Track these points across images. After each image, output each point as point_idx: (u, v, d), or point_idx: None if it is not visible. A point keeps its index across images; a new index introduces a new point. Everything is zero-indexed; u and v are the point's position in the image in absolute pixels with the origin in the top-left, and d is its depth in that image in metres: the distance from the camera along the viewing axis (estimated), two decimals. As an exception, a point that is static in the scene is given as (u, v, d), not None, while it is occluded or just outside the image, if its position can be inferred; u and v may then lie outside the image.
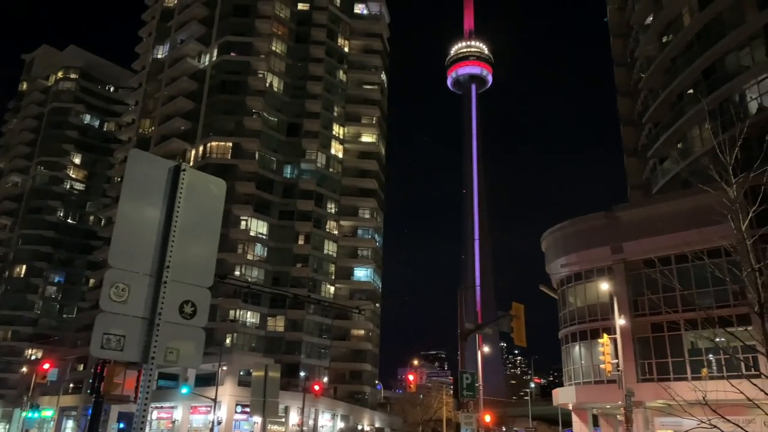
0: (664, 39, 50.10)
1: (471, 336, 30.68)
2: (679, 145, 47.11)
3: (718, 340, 25.63)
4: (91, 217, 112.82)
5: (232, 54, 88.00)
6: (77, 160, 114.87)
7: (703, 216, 19.26)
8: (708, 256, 27.55)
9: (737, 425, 11.30)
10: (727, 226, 12.76)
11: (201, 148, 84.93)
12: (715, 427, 10.83)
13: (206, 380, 56.07)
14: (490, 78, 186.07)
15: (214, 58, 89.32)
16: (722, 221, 13.03)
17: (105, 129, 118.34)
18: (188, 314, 4.41)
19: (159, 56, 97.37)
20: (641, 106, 54.50)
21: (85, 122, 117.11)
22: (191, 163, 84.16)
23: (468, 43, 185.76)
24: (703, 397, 10.78)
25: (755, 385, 11.10)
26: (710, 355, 33.55)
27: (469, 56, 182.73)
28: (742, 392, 11.02)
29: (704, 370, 33.06)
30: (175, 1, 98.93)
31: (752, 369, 14.16)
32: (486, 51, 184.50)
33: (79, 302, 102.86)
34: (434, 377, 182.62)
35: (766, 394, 10.84)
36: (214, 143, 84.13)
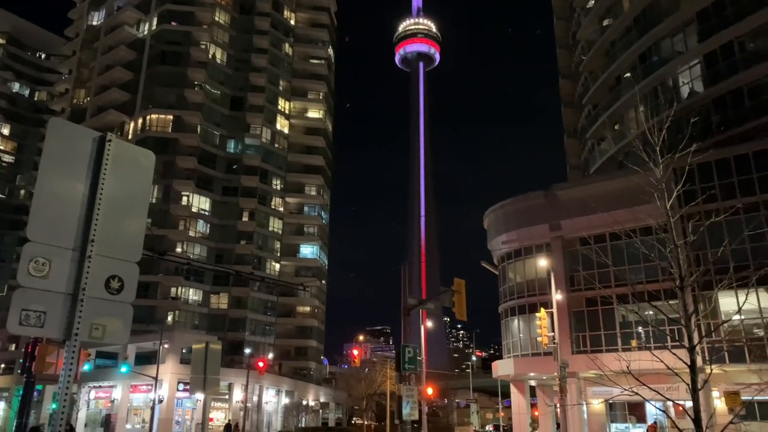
0: (605, 23, 51.39)
1: (415, 311, 31.17)
2: (615, 127, 48.72)
3: (647, 313, 27.01)
4: (22, 191, 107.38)
5: (173, 23, 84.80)
6: (5, 131, 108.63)
7: (634, 195, 20.11)
8: (640, 234, 28.82)
9: (657, 392, 12.02)
10: (655, 206, 13.39)
11: (140, 121, 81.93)
12: (636, 394, 11.48)
13: (147, 359, 54.95)
14: (437, 56, 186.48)
15: (154, 27, 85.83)
16: (651, 200, 13.65)
17: (36, 98, 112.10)
18: (115, 289, 4.31)
19: (94, 23, 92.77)
20: (582, 88, 55.95)
21: (14, 90, 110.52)
22: (130, 136, 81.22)
23: (416, 20, 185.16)
24: (627, 367, 11.40)
25: (675, 354, 11.80)
26: (639, 328, 35.32)
27: (417, 33, 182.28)
28: (662, 361, 11.70)
29: (633, 342, 34.82)
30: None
31: (677, 340, 14.99)
32: (434, 29, 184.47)
33: (10, 280, 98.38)
34: (379, 352, 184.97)
35: (684, 362, 11.55)
36: (153, 116, 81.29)
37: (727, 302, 30.25)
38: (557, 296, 35.79)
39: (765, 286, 30.10)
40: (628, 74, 47.29)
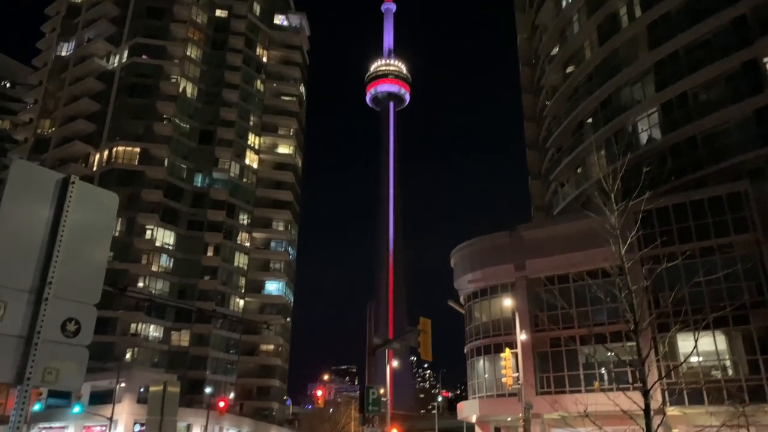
0: (568, 69, 53.30)
1: (381, 350, 30.96)
2: (578, 170, 50.07)
3: (608, 354, 27.38)
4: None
5: (144, 57, 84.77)
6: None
7: (594, 239, 20.64)
8: (601, 276, 29.44)
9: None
10: (612, 248, 13.80)
11: (106, 153, 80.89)
12: (597, 436, 11.61)
13: (102, 398, 52.93)
14: (407, 97, 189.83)
15: (124, 60, 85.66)
16: (608, 244, 14.08)
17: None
18: (71, 332, 4.27)
19: (63, 54, 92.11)
20: (545, 132, 57.54)
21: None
22: (95, 168, 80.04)
23: (388, 61, 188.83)
24: (584, 410, 11.54)
25: (630, 398, 12.00)
26: (602, 369, 35.67)
27: (388, 74, 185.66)
28: (618, 405, 11.88)
29: (596, 383, 35.08)
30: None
31: (637, 382, 15.27)
32: (404, 70, 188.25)
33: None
34: (344, 392, 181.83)
35: (639, 406, 11.76)
36: (120, 148, 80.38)
37: (686, 344, 30.87)
38: (522, 336, 36.00)
39: (722, 328, 30.89)
40: (590, 120, 48.91)
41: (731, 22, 38.56)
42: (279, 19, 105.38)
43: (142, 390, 60.44)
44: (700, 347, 29.35)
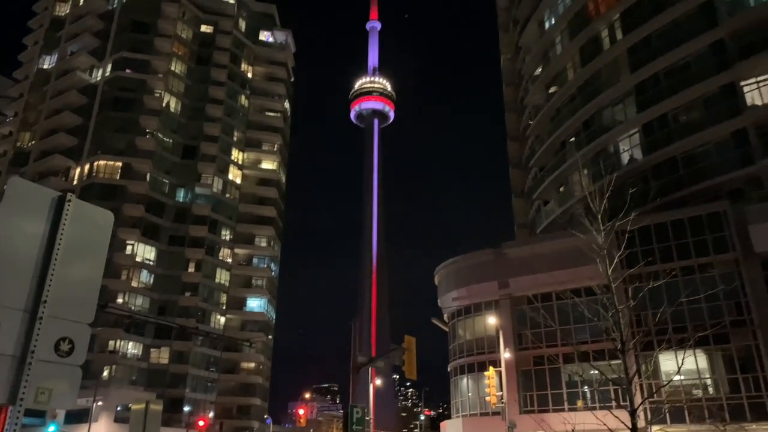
0: (551, 90, 54.14)
1: (364, 369, 30.72)
2: (561, 189, 50.62)
3: (592, 373, 27.49)
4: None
5: (128, 71, 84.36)
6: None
7: (578, 257, 20.80)
8: (584, 294, 29.67)
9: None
10: (597, 267, 13.93)
11: (87, 167, 79.97)
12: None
13: (79, 416, 51.80)
14: (392, 114, 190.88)
15: (108, 74, 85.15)
16: (593, 263, 14.21)
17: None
18: (65, 352, 4.20)
19: (45, 67, 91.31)
20: (529, 151, 58.19)
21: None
22: (75, 182, 79.09)
23: (372, 78, 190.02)
24: (572, 429, 11.55)
25: (617, 417, 12.06)
26: (585, 388, 35.78)
27: (373, 92, 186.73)
28: (605, 425, 11.93)
29: (580, 402, 35.17)
30: (67, 11, 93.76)
31: (621, 401, 15.34)
32: (389, 88, 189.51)
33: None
34: (326, 411, 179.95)
35: (626, 425, 11.81)
36: (102, 162, 79.56)
37: (668, 362, 31.13)
38: (506, 354, 36.04)
39: (703, 347, 31.22)
40: (572, 139, 49.59)
41: (710, 46, 39.55)
42: (264, 36, 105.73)
43: (119, 408, 59.27)
44: (680, 366, 29.62)
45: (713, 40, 39.27)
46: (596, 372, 27.27)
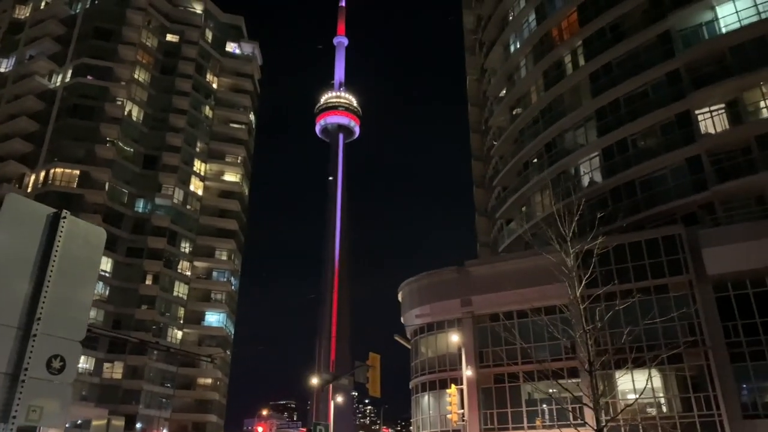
0: (515, 112, 55.39)
1: (325, 386, 30.52)
2: (523, 209, 51.63)
3: (551, 391, 27.97)
4: None
5: (89, 77, 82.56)
6: None
7: (540, 276, 21.27)
8: (545, 313, 30.22)
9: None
10: (558, 286, 14.31)
11: (42, 174, 77.62)
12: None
13: (25, 434, 49.75)
14: (357, 130, 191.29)
15: (68, 80, 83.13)
16: (557, 282, 14.59)
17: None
18: (56, 369, 4.16)
19: (2, 70, 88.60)
20: (492, 171, 59.21)
21: None
22: (29, 189, 76.69)
23: (338, 93, 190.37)
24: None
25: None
26: (544, 405, 36.30)
27: (339, 106, 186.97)
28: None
29: (539, 420, 35.65)
30: (28, 14, 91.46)
31: (579, 419, 15.67)
32: (355, 103, 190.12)
33: None
34: (284, 428, 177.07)
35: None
36: (58, 170, 77.34)
37: (623, 381, 31.89)
38: (467, 372, 36.31)
39: (658, 367, 32.11)
40: (535, 160, 50.74)
41: (666, 75, 41.22)
42: (231, 47, 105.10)
43: (68, 425, 57.09)
44: (637, 385, 30.41)
45: (670, 70, 40.93)
46: (555, 390, 27.83)
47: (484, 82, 64.39)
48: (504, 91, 57.75)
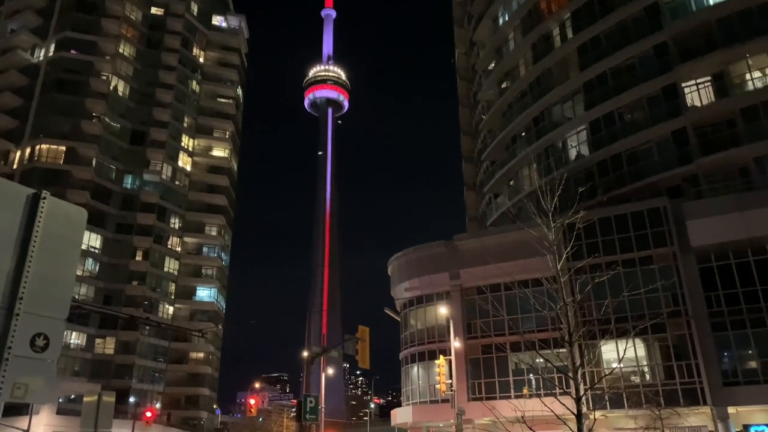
0: (503, 85, 55.22)
1: (316, 358, 30.90)
2: (511, 183, 51.87)
3: (538, 361, 28.53)
4: None
5: (73, 52, 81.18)
6: None
7: (526, 249, 21.54)
8: (531, 285, 30.68)
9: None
10: (544, 259, 14.57)
11: (28, 150, 76.76)
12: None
13: (18, 409, 49.95)
14: (346, 104, 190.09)
15: (51, 54, 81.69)
16: (541, 255, 14.84)
17: None
18: (40, 347, 4.28)
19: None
20: (481, 145, 59.27)
21: None
22: (15, 166, 75.97)
23: (326, 67, 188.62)
24: (522, 417, 12.15)
25: (563, 404, 12.73)
26: (531, 375, 37.02)
27: (327, 80, 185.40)
28: (553, 411, 12.58)
29: (525, 389, 36.39)
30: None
31: (564, 388, 16.08)
32: (344, 77, 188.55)
33: None
34: (276, 400, 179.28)
35: (571, 411, 12.48)
36: (44, 146, 76.52)
37: (608, 350, 32.57)
38: (455, 343, 36.88)
39: (641, 336, 32.76)
40: (523, 134, 50.80)
41: (654, 48, 41.18)
42: (217, 20, 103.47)
43: (61, 400, 57.63)
44: (621, 354, 31.08)
45: (657, 43, 40.89)
46: (540, 360, 28.38)
47: (473, 56, 64.00)
48: (492, 65, 57.47)
